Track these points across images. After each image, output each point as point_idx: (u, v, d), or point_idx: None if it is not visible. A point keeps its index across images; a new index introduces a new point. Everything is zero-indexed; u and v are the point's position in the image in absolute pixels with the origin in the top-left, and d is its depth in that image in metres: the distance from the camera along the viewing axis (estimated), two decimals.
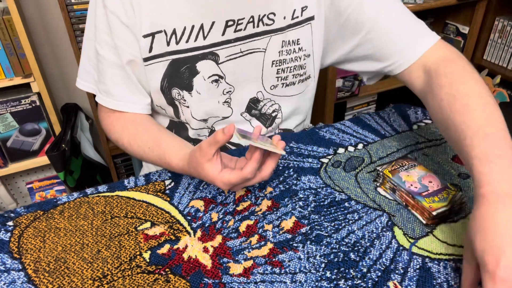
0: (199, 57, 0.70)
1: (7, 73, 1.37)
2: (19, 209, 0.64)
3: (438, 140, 0.77)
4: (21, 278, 0.53)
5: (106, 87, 0.74)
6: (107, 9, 0.67)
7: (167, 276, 0.52)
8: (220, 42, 0.70)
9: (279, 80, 0.75)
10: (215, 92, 0.74)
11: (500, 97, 1.91)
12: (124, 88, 0.73)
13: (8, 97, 1.41)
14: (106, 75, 0.73)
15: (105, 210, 0.63)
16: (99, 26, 0.70)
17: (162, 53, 0.70)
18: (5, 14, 1.31)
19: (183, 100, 0.74)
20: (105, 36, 0.70)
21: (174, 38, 0.69)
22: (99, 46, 0.71)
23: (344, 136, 0.79)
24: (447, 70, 0.63)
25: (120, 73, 0.72)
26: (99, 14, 0.69)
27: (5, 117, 1.44)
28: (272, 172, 0.58)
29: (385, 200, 0.63)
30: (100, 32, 0.70)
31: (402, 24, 0.70)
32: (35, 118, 1.49)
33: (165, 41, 0.69)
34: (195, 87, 0.72)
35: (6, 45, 1.33)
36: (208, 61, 0.71)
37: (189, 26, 0.68)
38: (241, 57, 0.72)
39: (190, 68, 0.71)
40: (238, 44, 0.71)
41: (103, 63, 0.72)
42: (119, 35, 0.69)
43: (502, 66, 2.02)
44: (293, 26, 0.72)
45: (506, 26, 1.96)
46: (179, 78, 0.72)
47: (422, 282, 0.50)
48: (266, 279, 0.51)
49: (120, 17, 0.67)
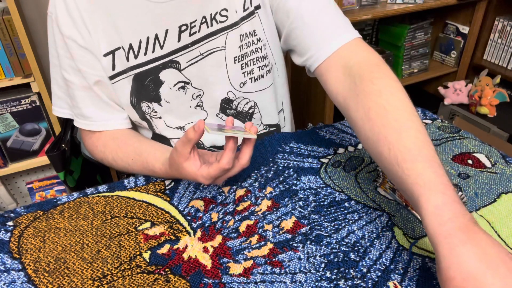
0: (160, 67, 0.70)
1: (7, 73, 1.37)
2: (19, 209, 0.64)
3: (438, 140, 0.77)
4: (21, 278, 0.53)
5: (80, 110, 0.75)
6: (63, 35, 0.68)
7: (167, 276, 0.52)
8: (177, 48, 0.70)
9: (246, 75, 0.74)
10: (184, 98, 0.73)
11: (500, 97, 1.90)
12: (95, 109, 0.74)
13: (8, 97, 1.41)
14: (77, 98, 0.74)
15: (105, 210, 0.63)
16: (60, 52, 0.71)
17: (125, 69, 0.70)
18: (5, 14, 1.31)
19: (153, 112, 0.75)
20: (67, 60, 0.71)
21: (132, 53, 0.70)
22: (64, 71, 0.72)
23: (344, 136, 0.79)
24: (374, 76, 0.57)
25: (89, 95, 0.73)
26: (58, 40, 0.70)
27: (5, 117, 1.44)
28: (249, 159, 0.59)
29: (385, 200, 0.63)
30: (63, 58, 0.71)
31: (323, 17, 0.66)
32: (35, 118, 1.49)
33: (125, 57, 0.70)
34: (163, 97, 0.73)
35: (6, 45, 1.33)
36: (170, 70, 0.71)
37: (144, 39, 0.69)
38: (202, 59, 0.71)
39: (153, 79, 0.71)
40: (196, 47, 0.70)
41: (72, 88, 0.73)
42: (80, 58, 0.70)
43: (502, 66, 2.02)
44: (246, 18, 0.71)
45: (506, 26, 1.96)
46: (146, 91, 0.72)
47: (422, 282, 0.50)
48: (266, 279, 0.51)
49: (77, 41, 0.68)
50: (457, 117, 1.95)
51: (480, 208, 0.61)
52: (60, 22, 0.68)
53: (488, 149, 0.74)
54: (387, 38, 2.01)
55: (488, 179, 0.67)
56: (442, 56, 2.17)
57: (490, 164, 0.70)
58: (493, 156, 0.72)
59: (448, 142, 0.76)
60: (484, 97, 1.87)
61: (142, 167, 0.70)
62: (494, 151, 0.73)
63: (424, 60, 2.04)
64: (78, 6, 0.67)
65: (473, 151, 0.73)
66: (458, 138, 0.77)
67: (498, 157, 0.71)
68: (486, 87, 1.90)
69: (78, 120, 0.77)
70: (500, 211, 0.60)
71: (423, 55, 2.02)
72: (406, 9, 1.74)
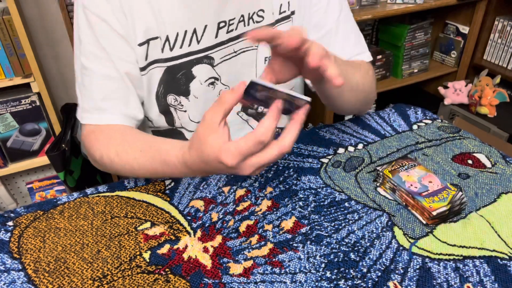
0: (194, 61, 0.70)
1: (7, 73, 1.37)
2: (19, 209, 0.64)
3: (438, 140, 0.77)
4: (21, 278, 0.53)
5: (94, 102, 0.68)
6: (98, 17, 0.64)
7: (167, 276, 0.52)
8: (214, 45, 0.70)
9: None
10: (211, 94, 0.74)
11: (500, 97, 1.90)
12: (115, 100, 0.68)
13: (8, 97, 1.41)
14: (94, 88, 0.67)
15: (105, 210, 0.63)
16: (84, 39, 0.66)
17: (157, 59, 0.68)
18: (5, 14, 1.31)
19: (179, 105, 0.74)
20: (90, 47, 0.66)
21: (168, 45, 0.68)
22: (84, 58, 0.67)
23: (344, 136, 0.79)
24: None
25: (111, 85, 0.67)
26: (82, 25, 0.65)
27: (5, 117, 1.44)
28: (292, 142, 0.46)
29: (385, 200, 0.63)
30: (85, 44, 0.66)
31: (350, 38, 0.77)
32: (35, 118, 1.49)
33: (160, 48, 0.68)
34: (192, 92, 0.72)
35: (6, 45, 1.33)
36: (203, 65, 0.71)
37: (182, 32, 0.68)
38: (235, 57, 0.72)
39: (186, 73, 0.71)
40: (231, 44, 0.71)
41: (91, 77, 0.67)
42: (113, 45, 0.66)
43: (502, 66, 2.02)
44: (281, 20, 0.73)
45: (506, 26, 1.96)
46: (176, 84, 0.71)
47: (422, 282, 0.50)
48: (266, 279, 0.51)
49: (112, 25, 0.64)
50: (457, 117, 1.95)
51: (480, 208, 0.61)
52: (95, 3, 0.63)
53: (488, 149, 0.74)
54: (387, 38, 2.01)
55: (488, 179, 0.67)
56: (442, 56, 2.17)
57: (490, 164, 0.70)
58: (493, 156, 0.72)
59: (448, 142, 0.76)
60: (484, 97, 1.87)
61: (151, 159, 0.59)
62: (494, 151, 0.73)
63: (424, 60, 2.04)
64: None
65: (473, 151, 0.73)
66: (458, 138, 0.77)
67: (498, 157, 0.71)
68: (486, 87, 1.90)
69: (87, 116, 0.69)
70: (500, 211, 0.60)
71: (423, 55, 2.02)
72: (406, 9, 1.74)
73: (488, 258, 0.53)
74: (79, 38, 0.66)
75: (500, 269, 0.52)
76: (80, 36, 0.66)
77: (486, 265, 0.52)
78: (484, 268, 0.52)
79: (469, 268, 0.52)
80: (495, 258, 0.53)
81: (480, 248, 0.54)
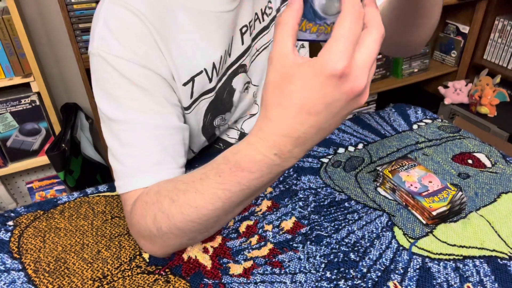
0: (231, 76, 0.67)
1: (7, 73, 1.37)
2: (19, 209, 0.64)
3: (438, 140, 0.77)
4: (21, 278, 0.53)
5: (142, 160, 0.53)
6: (136, 64, 0.53)
7: (167, 276, 0.52)
8: (243, 52, 0.67)
9: None
10: (247, 98, 0.73)
11: (500, 97, 1.90)
12: (165, 152, 0.55)
13: (8, 97, 1.41)
14: (140, 143, 0.54)
15: (105, 210, 0.63)
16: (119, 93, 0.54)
17: (204, 92, 0.62)
18: (5, 14, 1.31)
19: (223, 122, 0.70)
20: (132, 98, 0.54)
21: (215, 71, 0.62)
22: (120, 112, 0.54)
23: (344, 136, 0.79)
24: None
25: (157, 135, 0.55)
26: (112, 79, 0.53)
27: (5, 117, 1.44)
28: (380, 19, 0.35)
29: (385, 200, 0.63)
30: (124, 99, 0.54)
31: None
32: (35, 117, 1.48)
33: (207, 80, 0.62)
34: (235, 104, 0.70)
35: (6, 45, 1.33)
36: (239, 75, 0.68)
37: (223, 53, 0.63)
38: (258, 56, 0.71)
39: (229, 91, 0.68)
40: (253, 44, 0.70)
41: (132, 130, 0.54)
42: (158, 89, 0.55)
43: (502, 66, 2.02)
44: (284, 1, 0.71)
45: (506, 26, 1.96)
46: (223, 106, 0.68)
47: (422, 282, 0.50)
48: (266, 279, 0.51)
49: (154, 69, 0.54)
50: (457, 116, 1.95)
51: (480, 208, 0.61)
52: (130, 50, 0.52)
53: (488, 148, 0.74)
54: None
55: (488, 178, 0.67)
56: (442, 56, 2.17)
57: (490, 164, 0.70)
58: (493, 156, 0.72)
59: (448, 141, 0.76)
60: (484, 97, 1.87)
61: (216, 173, 0.42)
62: (494, 150, 0.73)
63: (424, 60, 2.04)
64: (150, 30, 0.53)
65: (473, 150, 0.73)
66: (458, 137, 0.77)
67: (498, 157, 0.71)
68: (486, 87, 1.90)
69: (129, 181, 0.53)
70: (500, 211, 0.60)
71: (423, 54, 2.02)
72: None
73: (488, 258, 0.53)
74: (111, 95, 0.54)
75: (500, 269, 0.52)
76: (111, 93, 0.54)
77: (486, 265, 0.52)
78: (484, 268, 0.52)
79: (469, 268, 0.52)
80: (495, 258, 0.53)
81: (480, 248, 0.54)
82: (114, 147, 0.54)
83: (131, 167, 0.54)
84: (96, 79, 0.55)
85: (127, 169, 0.54)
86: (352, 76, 0.33)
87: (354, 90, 0.33)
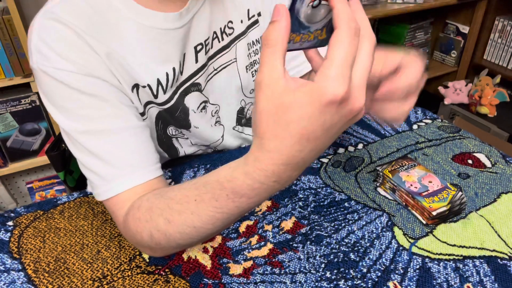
0: (183, 94, 0.66)
1: (7, 73, 1.37)
2: (19, 209, 0.64)
3: (438, 140, 0.77)
4: (21, 278, 0.53)
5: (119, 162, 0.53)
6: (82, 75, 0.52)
7: (167, 276, 0.52)
8: (196, 70, 0.66)
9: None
10: (206, 118, 0.72)
11: (500, 97, 1.90)
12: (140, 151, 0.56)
13: (8, 97, 1.41)
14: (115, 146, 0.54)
15: (105, 210, 0.63)
16: (70, 106, 0.53)
17: (150, 101, 0.62)
18: (5, 14, 1.31)
19: (181, 134, 0.71)
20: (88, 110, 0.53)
21: (161, 88, 0.62)
22: (87, 122, 0.53)
23: (344, 136, 0.79)
24: None
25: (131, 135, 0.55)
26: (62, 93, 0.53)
27: (5, 117, 1.44)
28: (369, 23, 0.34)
29: (385, 200, 0.63)
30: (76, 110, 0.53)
31: None
32: (35, 117, 1.49)
33: (152, 95, 0.61)
34: (192, 123, 0.70)
35: (6, 45, 1.33)
36: (192, 94, 0.67)
37: (170, 70, 0.61)
38: (216, 75, 0.70)
39: (182, 110, 0.67)
40: (210, 63, 0.68)
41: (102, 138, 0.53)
42: (115, 96, 0.56)
43: (502, 66, 2.02)
44: (251, 26, 0.70)
45: (506, 26, 1.96)
46: (176, 121, 0.68)
47: (422, 282, 0.50)
48: (266, 279, 0.51)
49: (107, 80, 0.55)
50: (457, 116, 1.95)
51: (480, 208, 0.61)
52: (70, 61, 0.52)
53: (488, 148, 0.74)
54: (387, 38, 2.01)
55: (488, 179, 0.67)
56: (442, 56, 2.17)
57: (490, 164, 0.70)
58: (493, 156, 0.72)
59: (448, 142, 0.76)
60: (484, 97, 1.87)
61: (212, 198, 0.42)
62: (494, 151, 0.73)
63: None
64: (86, 40, 0.53)
65: (473, 151, 0.73)
66: (458, 138, 0.77)
67: (498, 157, 0.71)
68: (486, 87, 1.90)
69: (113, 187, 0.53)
70: (500, 211, 0.60)
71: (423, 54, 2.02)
72: (406, 9, 1.74)
73: (488, 258, 0.53)
74: (67, 110, 0.53)
75: (500, 269, 0.52)
76: (66, 107, 0.53)
77: (486, 265, 0.52)
78: (484, 268, 0.52)
79: (469, 268, 0.52)
80: (495, 258, 0.53)
81: (480, 248, 0.54)
82: (83, 159, 0.54)
83: (106, 174, 0.53)
84: (45, 94, 0.55)
85: (101, 177, 0.53)
86: (351, 99, 0.32)
87: (353, 111, 0.33)
